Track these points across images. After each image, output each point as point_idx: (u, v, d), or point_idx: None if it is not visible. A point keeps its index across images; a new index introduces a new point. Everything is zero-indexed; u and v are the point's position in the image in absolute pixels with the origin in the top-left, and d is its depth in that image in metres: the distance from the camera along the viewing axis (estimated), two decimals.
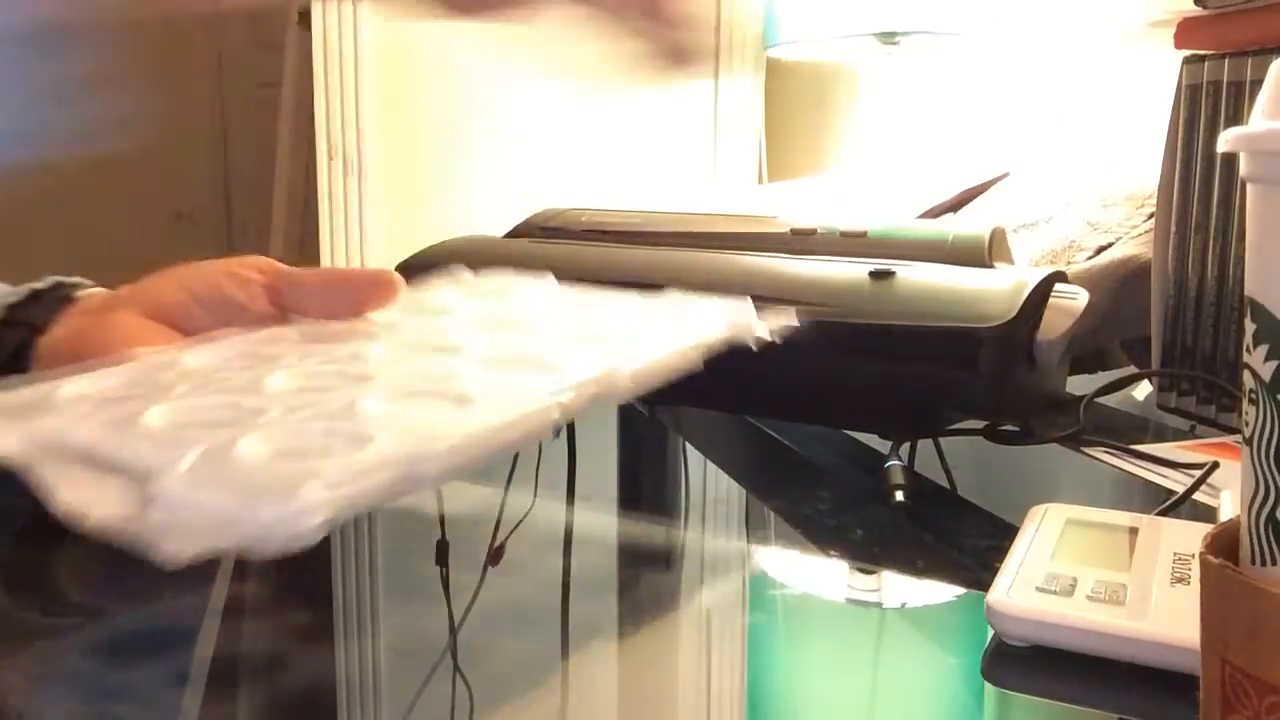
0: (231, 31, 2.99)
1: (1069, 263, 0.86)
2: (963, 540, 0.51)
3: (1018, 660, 0.38)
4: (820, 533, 0.52)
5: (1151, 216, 0.82)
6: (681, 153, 1.89)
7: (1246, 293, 0.24)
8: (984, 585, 0.40)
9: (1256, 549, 0.24)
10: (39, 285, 0.49)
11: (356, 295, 0.46)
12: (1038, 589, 0.38)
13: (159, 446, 0.32)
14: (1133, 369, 0.82)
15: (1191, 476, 0.56)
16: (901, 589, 0.47)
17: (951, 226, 0.67)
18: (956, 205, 1.13)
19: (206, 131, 2.23)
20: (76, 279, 0.50)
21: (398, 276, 0.47)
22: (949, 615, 0.45)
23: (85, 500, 0.30)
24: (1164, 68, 0.80)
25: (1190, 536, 0.43)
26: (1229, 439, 0.67)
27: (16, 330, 0.47)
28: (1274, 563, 0.24)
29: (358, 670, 0.39)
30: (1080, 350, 0.79)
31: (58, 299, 0.48)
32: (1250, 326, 0.24)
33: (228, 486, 0.29)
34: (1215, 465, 0.57)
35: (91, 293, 0.49)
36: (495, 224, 0.83)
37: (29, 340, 0.46)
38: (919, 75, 1.63)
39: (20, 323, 0.47)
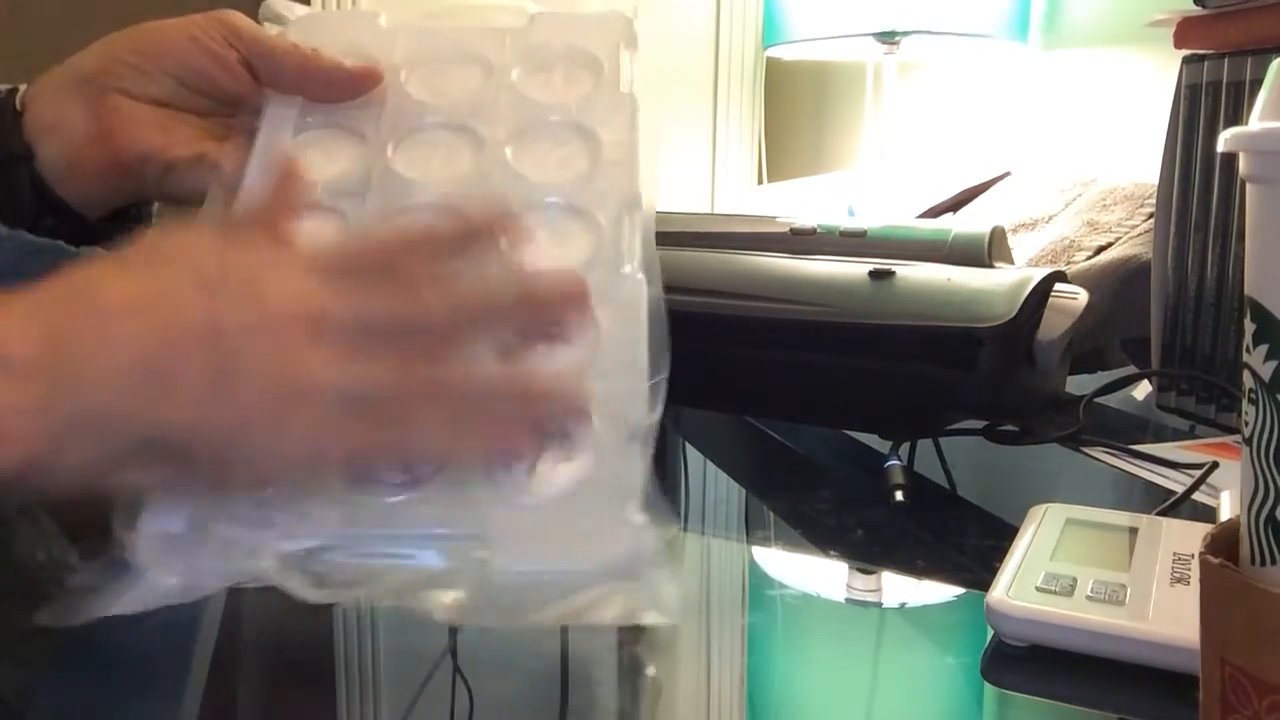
0: None
1: (1069, 263, 0.86)
2: (963, 540, 0.51)
3: (1017, 660, 0.38)
4: (820, 533, 0.52)
5: (1151, 216, 0.82)
6: (681, 153, 1.89)
7: (1246, 293, 0.24)
8: (984, 585, 0.40)
9: (1256, 549, 0.24)
10: None
11: (335, 89, 0.47)
12: (1037, 589, 0.38)
13: None
14: (1133, 369, 0.82)
15: (1191, 476, 0.56)
16: (901, 589, 0.47)
17: (951, 226, 0.67)
18: (956, 205, 1.13)
19: None
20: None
21: (379, 71, 0.47)
22: (949, 615, 0.45)
23: None
24: (1164, 67, 0.80)
25: (1190, 536, 0.43)
26: (1229, 439, 0.67)
27: (16, 168, 0.46)
28: (1274, 562, 0.24)
29: (358, 670, 0.39)
30: (1080, 350, 0.79)
31: (10, 114, 0.46)
32: (1250, 326, 0.24)
33: None
34: (1215, 465, 0.57)
35: (38, 89, 0.47)
36: None
37: (32, 170, 0.46)
38: (919, 75, 1.63)
39: (12, 158, 0.46)
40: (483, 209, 0.40)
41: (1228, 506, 0.49)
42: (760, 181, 1.93)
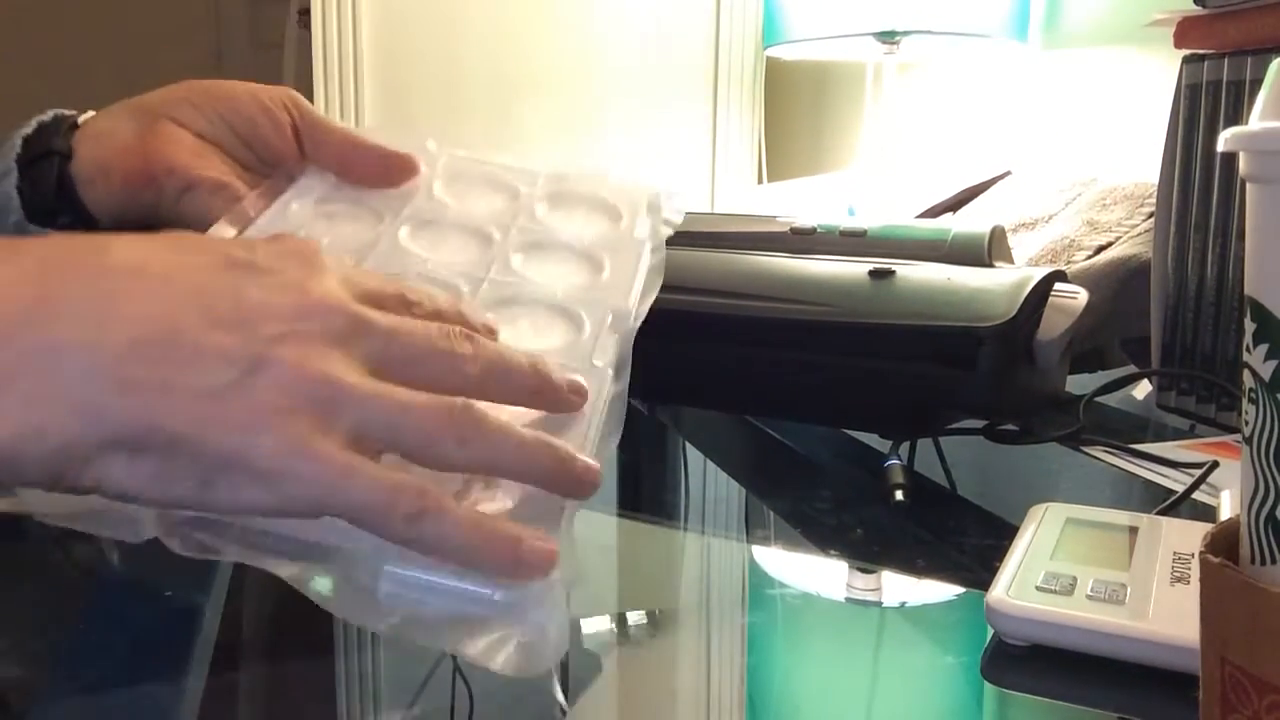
0: (231, 30, 2.99)
1: (1069, 262, 0.86)
2: (963, 540, 0.51)
3: (1017, 660, 0.38)
4: (820, 533, 0.52)
5: (1151, 216, 0.82)
6: (681, 153, 1.89)
7: (1246, 292, 0.24)
8: (984, 585, 0.40)
9: (1256, 548, 0.24)
10: (41, 118, 0.49)
11: (372, 169, 0.49)
12: (1037, 588, 0.38)
13: None
14: (1133, 368, 0.82)
15: (1191, 476, 0.56)
16: (901, 589, 0.47)
17: (951, 226, 0.67)
18: (956, 204, 1.13)
19: None
20: (63, 110, 0.50)
21: (416, 161, 0.50)
22: (949, 615, 0.45)
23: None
24: (1164, 67, 0.80)
25: (1190, 536, 0.43)
26: (1229, 438, 0.67)
27: (49, 161, 0.47)
28: (1273, 562, 0.24)
29: (358, 670, 0.39)
30: (1080, 350, 0.79)
31: (68, 126, 0.49)
32: (1250, 326, 0.24)
33: None
34: (1215, 465, 0.57)
35: (100, 112, 0.50)
36: None
37: (64, 168, 0.48)
38: (919, 75, 1.63)
39: (50, 153, 0.48)
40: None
41: (1228, 506, 0.49)
42: (760, 181, 1.93)
